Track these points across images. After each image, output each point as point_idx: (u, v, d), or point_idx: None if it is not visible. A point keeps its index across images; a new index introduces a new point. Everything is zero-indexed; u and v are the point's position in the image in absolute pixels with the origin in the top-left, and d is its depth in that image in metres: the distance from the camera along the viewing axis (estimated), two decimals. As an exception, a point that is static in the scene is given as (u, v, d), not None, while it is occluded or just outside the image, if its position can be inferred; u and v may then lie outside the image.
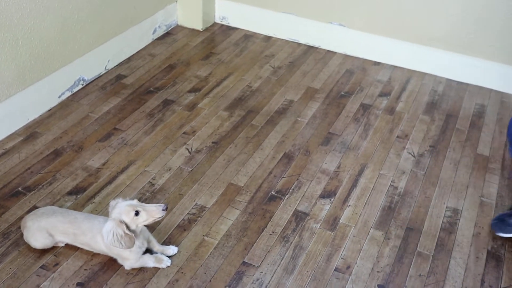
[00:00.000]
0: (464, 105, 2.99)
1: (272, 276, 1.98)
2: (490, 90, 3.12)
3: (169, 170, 2.43)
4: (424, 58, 3.23)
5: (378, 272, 2.02)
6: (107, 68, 3.08)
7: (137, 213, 1.85)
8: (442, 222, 2.25)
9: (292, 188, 2.37)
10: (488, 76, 3.12)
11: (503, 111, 2.96)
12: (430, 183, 2.44)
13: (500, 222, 2.19)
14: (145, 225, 1.91)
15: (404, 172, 2.49)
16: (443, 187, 2.42)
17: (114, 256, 1.96)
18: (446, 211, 2.30)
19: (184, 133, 2.66)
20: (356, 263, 2.05)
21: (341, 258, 2.07)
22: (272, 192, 2.34)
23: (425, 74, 3.24)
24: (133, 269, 1.96)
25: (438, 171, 2.51)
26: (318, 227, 2.19)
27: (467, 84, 3.16)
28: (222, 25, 3.67)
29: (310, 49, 3.45)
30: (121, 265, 1.96)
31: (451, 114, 2.91)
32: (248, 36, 3.56)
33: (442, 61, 3.19)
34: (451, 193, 2.40)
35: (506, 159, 2.61)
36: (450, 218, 2.27)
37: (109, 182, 2.33)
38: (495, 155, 2.63)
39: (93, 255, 2.00)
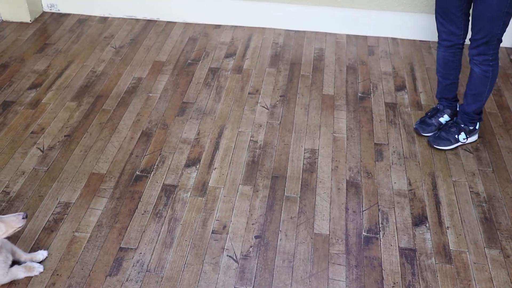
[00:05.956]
0: (304, 51, 3.15)
1: (152, 255, 1.97)
2: (325, 34, 3.32)
3: (23, 174, 2.28)
4: (261, 13, 3.33)
5: (253, 224, 2.11)
6: None
7: (-5, 227, 1.72)
8: (303, 164, 2.39)
9: (156, 164, 2.35)
10: (321, 21, 3.31)
11: (339, 50, 3.17)
12: (286, 130, 2.57)
13: (422, 123, 2.53)
14: (5, 238, 1.79)
15: (261, 126, 2.59)
16: (298, 132, 2.56)
17: (-22, 277, 1.82)
18: (304, 153, 2.44)
19: (32, 132, 2.50)
20: (231, 221, 2.11)
21: (216, 220, 2.11)
22: (137, 172, 2.31)
23: (264, 29, 3.35)
24: (2, 285, 1.84)
25: (292, 118, 2.64)
26: (188, 196, 2.21)
27: (304, 32, 3.33)
28: (53, 13, 3.46)
29: (149, 23, 3.39)
30: (-12, 285, 1.83)
31: (295, 62, 3.05)
32: (83, 20, 3.39)
33: (278, 13, 3.32)
34: (306, 135, 2.54)
35: (349, 94, 2.81)
36: (309, 159, 2.41)
37: (-44, 201, 2.14)
38: (339, 92, 2.82)
39: (-47, 282, 1.84)
